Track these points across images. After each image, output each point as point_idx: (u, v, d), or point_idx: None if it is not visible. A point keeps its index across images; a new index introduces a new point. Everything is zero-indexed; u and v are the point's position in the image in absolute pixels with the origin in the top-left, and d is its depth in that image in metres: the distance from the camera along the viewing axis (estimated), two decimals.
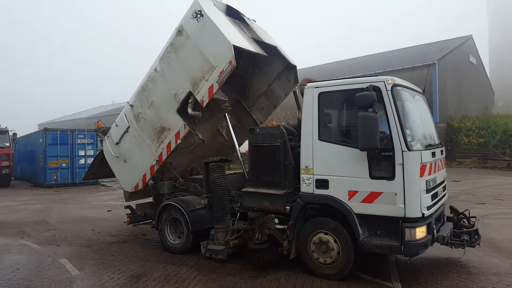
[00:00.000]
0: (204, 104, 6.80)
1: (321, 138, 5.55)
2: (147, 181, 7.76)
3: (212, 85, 6.63)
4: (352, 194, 5.27)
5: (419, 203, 4.92)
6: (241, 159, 7.47)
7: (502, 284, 5.25)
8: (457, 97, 31.98)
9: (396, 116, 4.97)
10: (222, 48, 6.50)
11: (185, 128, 7.10)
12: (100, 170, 9.00)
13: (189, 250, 7.04)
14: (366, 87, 5.00)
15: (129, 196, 8.32)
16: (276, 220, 6.00)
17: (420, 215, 4.93)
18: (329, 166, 5.48)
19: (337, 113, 5.77)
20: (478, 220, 6.29)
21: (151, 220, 8.28)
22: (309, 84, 5.76)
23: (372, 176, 5.11)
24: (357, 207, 5.22)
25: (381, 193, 5.06)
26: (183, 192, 7.79)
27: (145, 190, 8.18)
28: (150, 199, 8.43)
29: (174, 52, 7.10)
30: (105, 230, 9.41)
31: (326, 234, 5.52)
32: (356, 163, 5.23)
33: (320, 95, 5.58)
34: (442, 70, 28.94)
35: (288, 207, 5.87)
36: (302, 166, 5.73)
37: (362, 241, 5.15)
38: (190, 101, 6.96)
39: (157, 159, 7.50)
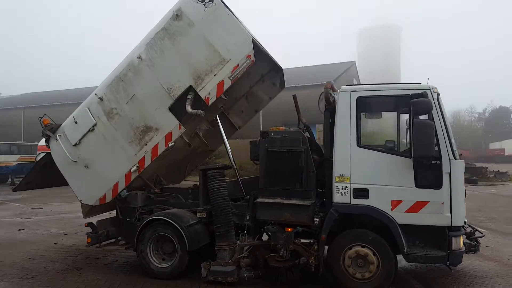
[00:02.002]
0: (210, 102, 5.89)
1: (360, 144, 5.24)
2: (119, 191, 6.34)
3: (223, 80, 5.78)
4: (395, 204, 5.07)
5: (463, 212, 4.97)
6: (235, 166, 6.70)
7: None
8: None
9: (443, 124, 4.96)
10: (238, 40, 5.74)
11: (179, 128, 6.04)
12: (41, 178, 7.08)
13: (182, 274, 5.92)
14: (421, 93, 4.90)
15: (89, 210, 6.69)
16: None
17: (463, 224, 4.99)
18: (369, 175, 5.19)
19: (377, 119, 5.55)
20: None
21: (116, 239, 6.80)
22: (345, 88, 5.42)
23: (418, 185, 4.99)
24: (401, 217, 5.04)
25: (427, 202, 4.97)
26: (161, 205, 6.59)
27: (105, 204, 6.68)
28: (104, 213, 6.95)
29: (169, 39, 6.01)
30: (37, 255, 7.39)
31: (363, 247, 5.19)
32: (400, 171, 5.06)
33: (359, 99, 5.28)
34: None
35: (317, 219, 5.37)
36: (336, 174, 5.32)
37: (407, 253, 4.97)
38: (189, 97, 5.95)
39: (137, 164, 6.21)
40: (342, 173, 5.28)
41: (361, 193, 5.19)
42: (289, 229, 5.58)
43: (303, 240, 5.48)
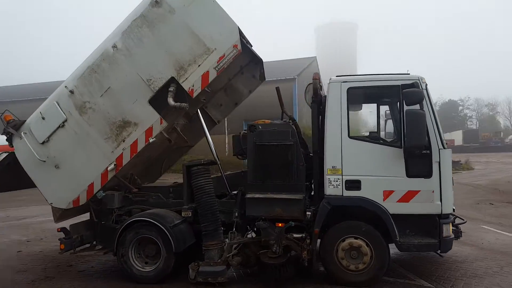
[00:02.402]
0: (195, 94, 5.60)
1: (351, 136, 5.19)
2: (95, 192, 5.89)
3: (208, 71, 5.51)
4: (387, 194, 5.07)
5: (451, 200, 5.07)
6: (218, 162, 6.45)
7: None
8: (308, 109, 35.88)
9: (432, 114, 5.02)
10: (223, 29, 5.48)
11: (161, 123, 5.69)
12: (4, 181, 6.42)
13: (168, 277, 5.61)
14: (412, 83, 4.91)
15: (61, 214, 6.16)
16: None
17: (452, 211, 5.09)
18: (361, 166, 5.16)
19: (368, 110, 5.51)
20: None
21: (91, 244, 6.34)
22: (335, 78, 5.34)
23: (409, 175, 5.03)
24: (393, 207, 5.06)
25: (418, 191, 5.02)
26: (141, 206, 6.21)
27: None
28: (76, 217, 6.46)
29: (148, 27, 5.63)
30: (1, 265, 6.75)
31: (356, 238, 5.16)
32: (391, 161, 5.08)
33: (349, 90, 5.22)
34: (300, 85, 32.03)
35: (309, 213, 5.27)
36: (328, 166, 5.24)
37: (400, 242, 5.00)
38: (171, 89, 5.62)
39: (115, 163, 5.79)
40: (334, 165, 5.20)
41: (353, 184, 5.15)
42: (280, 224, 5.45)
43: (295, 235, 5.36)
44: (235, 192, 6.23)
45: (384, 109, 6.51)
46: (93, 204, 6.12)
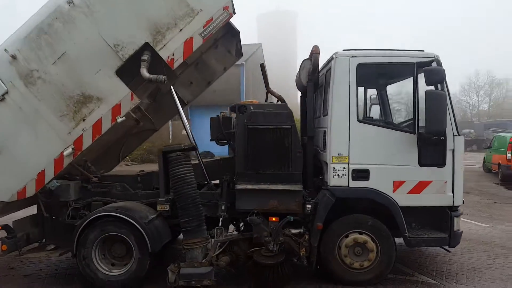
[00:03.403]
0: (176, 65, 4.63)
1: (360, 119, 4.57)
2: (46, 182, 4.78)
3: (192, 38, 4.56)
4: (398, 185, 4.57)
5: (462, 191, 4.68)
6: (195, 145, 5.56)
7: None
8: (255, 95, 35.08)
9: (448, 96, 4.52)
10: None
11: (131, 99, 4.68)
12: None
13: (142, 281, 4.74)
14: (432, 60, 4.37)
15: (3, 208, 4.97)
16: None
17: (462, 203, 4.71)
18: (370, 154, 4.59)
19: (379, 90, 4.90)
20: None
21: (40, 243, 5.24)
22: (341, 52, 4.64)
23: (421, 164, 4.54)
24: (403, 199, 4.57)
25: (430, 182, 4.56)
26: (103, 198, 5.21)
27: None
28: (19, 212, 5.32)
29: None
30: None
31: (361, 233, 4.63)
32: (403, 149, 4.55)
33: (359, 67, 4.56)
34: (247, 70, 31.02)
35: (309, 206, 4.64)
36: (332, 154, 4.60)
37: (409, 237, 4.55)
38: (144, 58, 4.61)
39: (73, 146, 4.70)
40: (340, 152, 4.58)
41: (361, 174, 4.57)
42: (274, 219, 4.76)
43: (293, 231, 4.72)
44: (215, 182, 5.45)
45: (371, 93, 5.97)
46: (42, 196, 5.00)
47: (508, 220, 8.21)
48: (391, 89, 5.43)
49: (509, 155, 12.66)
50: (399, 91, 5.40)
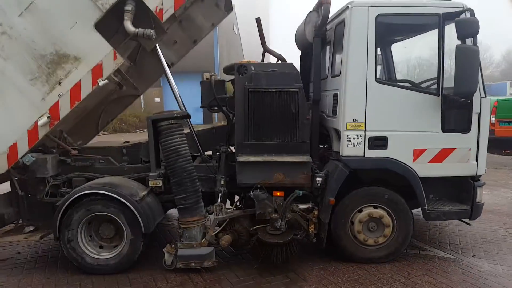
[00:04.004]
0: (165, 17, 3.97)
1: (380, 79, 4.04)
2: (20, 157, 4.16)
3: None
4: (418, 153, 4.12)
5: (486, 159, 4.28)
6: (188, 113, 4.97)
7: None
8: (228, 61, 33.68)
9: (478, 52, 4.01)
10: None
11: (115, 58, 4.02)
12: None
13: (134, 264, 4.26)
14: (462, 10, 3.82)
15: None
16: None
17: (484, 172, 4.32)
18: (389, 119, 4.10)
19: (401, 45, 4.35)
20: None
21: (17, 225, 4.67)
22: (358, 1, 4.02)
23: (445, 130, 4.09)
24: (423, 169, 4.15)
25: (453, 149, 4.14)
26: (86, 173, 4.63)
27: None
28: None
29: None
30: None
31: (376, 207, 4.22)
32: (425, 113, 4.09)
33: (379, 18, 3.98)
34: (221, 35, 29.59)
35: (320, 179, 4.17)
36: (347, 120, 4.09)
37: (428, 210, 4.17)
38: (128, 8, 3.93)
39: (48, 114, 4.06)
40: (356, 118, 4.07)
41: (378, 142, 4.10)
42: (279, 194, 4.30)
43: (301, 206, 4.27)
44: (208, 153, 4.93)
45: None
46: (16, 172, 4.38)
47: (504, 186, 7.98)
48: (410, 44, 4.88)
49: (493, 119, 12.33)
50: (419, 47, 4.87)
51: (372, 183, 4.36)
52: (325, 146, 4.80)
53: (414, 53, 5.01)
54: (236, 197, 4.87)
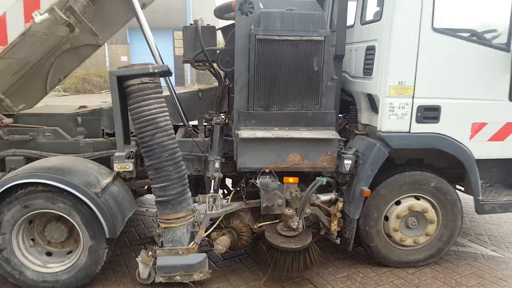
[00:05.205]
0: None
1: (437, 28, 2.94)
2: None
3: None
4: (477, 128, 3.15)
5: None
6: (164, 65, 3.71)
7: None
8: (201, 15, 31.37)
9: None
10: None
11: None
12: None
13: (92, 280, 3.12)
14: None
15: None
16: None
17: None
18: (445, 82, 3.06)
19: None
20: None
21: None
22: None
23: None
24: (480, 149, 3.19)
25: None
26: (24, 150, 3.35)
27: None
28: None
29: None
30: None
31: (418, 198, 3.26)
32: (490, 75, 3.08)
33: None
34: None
35: (349, 162, 3.13)
36: (391, 82, 3.01)
37: (482, 201, 3.26)
38: None
39: None
40: (402, 80, 3.00)
41: (429, 113, 3.08)
42: (291, 180, 3.24)
43: (322, 197, 3.23)
44: (193, 123, 3.76)
45: None
46: None
47: None
48: None
49: None
50: None
51: (404, 165, 3.40)
52: (346, 115, 3.73)
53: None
54: (227, 181, 3.79)
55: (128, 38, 19.50)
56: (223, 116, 3.75)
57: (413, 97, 3.02)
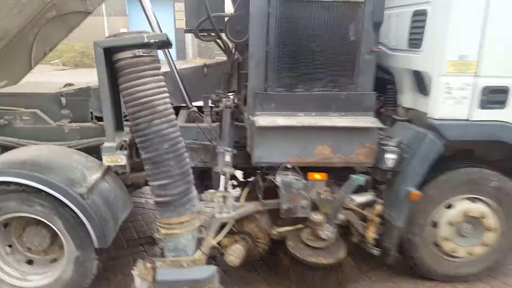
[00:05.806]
0: None
1: None
2: None
3: None
4: None
5: None
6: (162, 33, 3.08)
7: None
8: None
9: None
10: None
11: None
12: None
13: None
14: None
15: None
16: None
17: None
18: None
19: None
20: None
21: None
22: None
23: None
24: None
25: None
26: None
27: None
28: None
29: None
30: None
31: (474, 201, 2.66)
32: None
33: None
34: None
35: (393, 157, 2.52)
36: (448, 57, 2.37)
37: None
38: None
39: None
40: (464, 53, 2.35)
41: (495, 96, 2.44)
42: (318, 176, 2.66)
43: (357, 199, 2.65)
44: (198, 104, 3.20)
45: None
46: None
47: None
48: None
49: None
50: None
51: (452, 157, 2.78)
52: (381, 97, 3.11)
53: None
54: (238, 173, 3.24)
55: (127, 9, 18.54)
56: (233, 97, 3.18)
57: (477, 75, 2.39)
